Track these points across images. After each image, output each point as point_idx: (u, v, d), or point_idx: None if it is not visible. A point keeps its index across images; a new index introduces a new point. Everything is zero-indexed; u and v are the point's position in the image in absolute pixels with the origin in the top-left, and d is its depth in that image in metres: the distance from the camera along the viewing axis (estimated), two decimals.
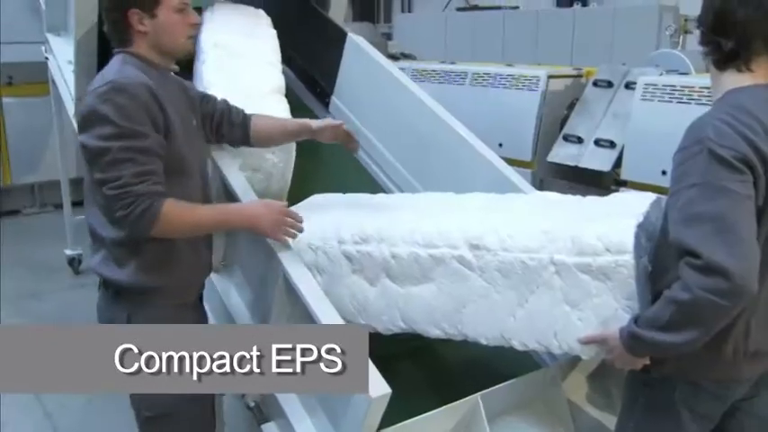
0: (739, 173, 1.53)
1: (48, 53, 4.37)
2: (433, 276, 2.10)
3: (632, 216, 1.86)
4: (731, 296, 1.50)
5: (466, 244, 2.03)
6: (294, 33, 4.09)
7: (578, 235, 1.85)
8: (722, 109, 1.63)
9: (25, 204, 7.13)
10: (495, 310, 2.01)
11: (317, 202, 2.69)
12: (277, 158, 2.84)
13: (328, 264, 2.29)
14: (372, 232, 2.21)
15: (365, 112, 3.56)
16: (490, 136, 3.74)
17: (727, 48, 1.65)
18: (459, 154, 3.01)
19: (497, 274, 1.99)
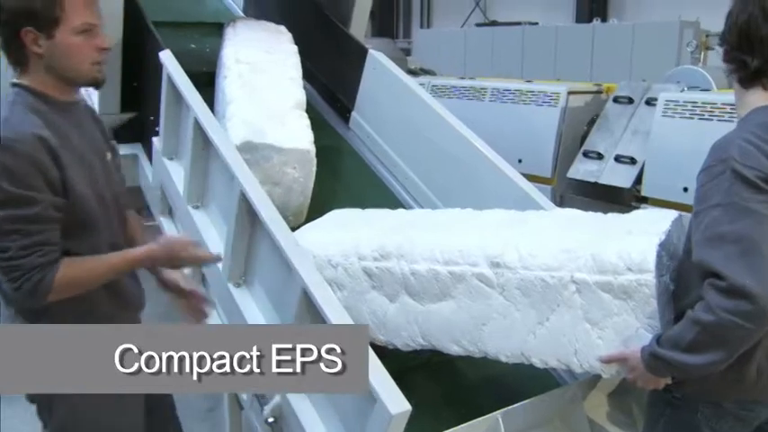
0: (764, 193, 1.52)
1: None
2: (452, 294, 2.09)
3: (654, 234, 1.83)
4: (755, 319, 1.48)
5: (486, 261, 2.02)
6: (315, 49, 4.14)
7: (599, 253, 1.83)
8: (746, 128, 1.61)
9: None
10: (516, 328, 1.99)
11: (336, 218, 2.70)
12: (298, 173, 2.91)
13: (348, 280, 2.30)
14: (392, 249, 2.21)
15: (386, 127, 3.58)
16: (510, 152, 3.74)
17: (753, 66, 1.63)
18: (479, 170, 3.02)
19: (518, 292, 1.97)
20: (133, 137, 3.80)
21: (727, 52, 1.69)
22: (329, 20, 4.01)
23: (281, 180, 2.93)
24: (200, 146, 2.83)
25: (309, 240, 2.47)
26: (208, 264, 2.08)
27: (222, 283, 2.63)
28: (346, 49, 3.85)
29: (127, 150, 3.80)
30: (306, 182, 2.98)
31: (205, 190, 2.92)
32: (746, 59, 1.64)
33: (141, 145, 3.77)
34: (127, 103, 3.77)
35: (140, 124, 3.75)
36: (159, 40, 3.31)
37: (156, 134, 3.31)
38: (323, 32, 4.08)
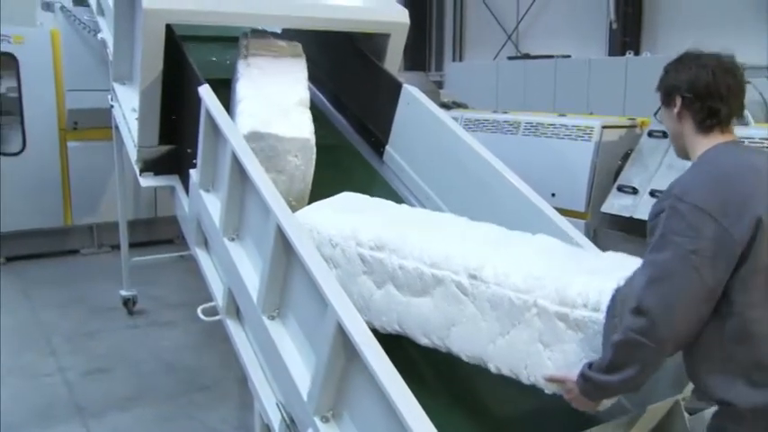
0: (693, 228, 1.71)
1: (113, 101, 4.52)
2: (432, 293, 2.35)
3: (615, 279, 1.98)
4: (651, 335, 1.71)
5: (466, 272, 2.25)
6: (349, 84, 4.19)
7: (563, 287, 2.04)
8: (701, 167, 1.86)
9: (84, 245, 7.34)
10: (480, 335, 2.22)
11: (345, 200, 2.93)
12: (299, 161, 3.22)
13: (344, 261, 2.57)
14: (387, 242, 2.46)
15: (420, 161, 3.59)
16: (543, 186, 3.72)
17: (723, 112, 1.89)
18: (513, 204, 3.01)
19: (487, 304, 2.20)
20: (171, 169, 3.86)
21: (690, 102, 1.92)
22: (364, 54, 4.05)
23: (284, 168, 3.22)
24: (237, 179, 2.87)
25: (315, 218, 2.74)
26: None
27: (256, 315, 2.64)
28: (380, 84, 3.88)
29: (164, 182, 3.88)
30: (306, 169, 3.26)
31: (241, 222, 2.95)
32: (717, 107, 1.89)
33: (178, 176, 3.82)
34: (165, 135, 3.83)
35: (178, 156, 3.81)
36: (198, 75, 3.37)
37: (193, 166, 3.36)
38: (357, 67, 4.12)
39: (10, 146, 6.81)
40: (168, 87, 3.68)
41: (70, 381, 4.45)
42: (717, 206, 1.72)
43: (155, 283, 6.20)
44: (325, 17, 3.83)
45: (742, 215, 1.72)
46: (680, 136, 2.00)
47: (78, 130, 6.93)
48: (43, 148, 6.86)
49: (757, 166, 1.83)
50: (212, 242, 3.25)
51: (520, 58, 11.14)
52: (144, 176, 3.87)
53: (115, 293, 5.72)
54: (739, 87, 1.93)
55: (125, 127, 4.25)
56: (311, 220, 2.74)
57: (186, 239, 3.76)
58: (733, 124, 1.96)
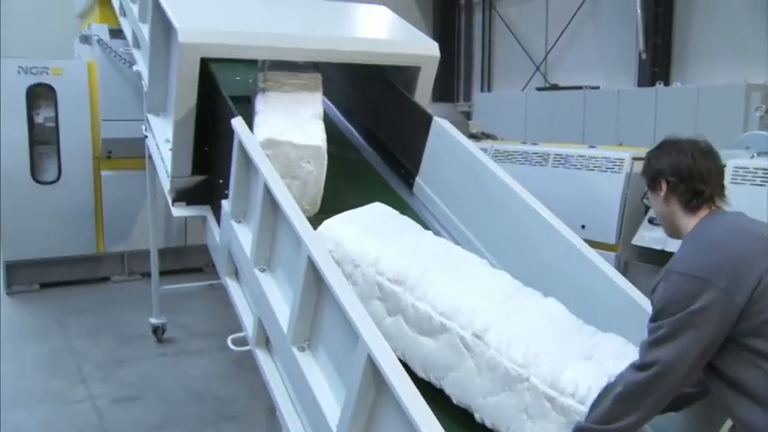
0: (686, 294, 1.86)
1: (147, 131, 4.60)
2: (437, 337, 2.47)
3: (607, 374, 2.12)
4: (651, 390, 1.88)
5: (471, 330, 2.37)
6: (380, 116, 4.22)
7: (557, 370, 2.18)
8: (687, 241, 2.04)
9: (115, 272, 7.43)
10: (473, 388, 2.36)
11: (374, 214, 3.08)
12: (312, 167, 3.43)
13: (362, 282, 2.71)
14: (406, 278, 2.60)
15: (449, 193, 3.59)
16: (573, 218, 3.70)
17: (707, 193, 2.05)
18: (543, 236, 3.00)
19: (485, 364, 2.32)
20: (202, 199, 3.91)
21: (675, 186, 2.07)
22: (394, 87, 4.08)
23: (298, 174, 3.42)
24: (269, 210, 2.90)
25: (341, 233, 2.85)
26: None
27: (286, 346, 2.65)
28: (411, 116, 3.90)
29: (196, 212, 3.92)
30: (319, 175, 3.46)
31: (272, 254, 2.97)
32: (701, 189, 2.04)
33: (210, 207, 3.87)
34: (197, 165, 3.88)
35: (210, 187, 3.85)
36: (231, 107, 3.43)
37: (225, 197, 3.40)
38: (388, 99, 4.15)
39: (46, 175, 6.97)
40: (201, 119, 3.74)
41: (100, 408, 4.48)
42: (708, 270, 1.87)
43: (184, 311, 6.25)
44: (356, 50, 3.90)
45: (740, 276, 1.86)
46: (669, 217, 2.14)
47: (112, 159, 7.07)
48: (78, 176, 7.00)
49: (748, 228, 2.02)
50: (243, 272, 3.28)
51: (548, 89, 11.16)
52: (176, 206, 3.92)
53: (145, 321, 5.77)
54: (718, 169, 2.11)
55: (158, 157, 4.31)
56: (337, 233, 2.86)
57: (217, 269, 3.78)
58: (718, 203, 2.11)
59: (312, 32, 4.03)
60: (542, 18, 12.67)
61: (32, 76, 6.75)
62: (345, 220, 2.96)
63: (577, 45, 12.10)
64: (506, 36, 13.68)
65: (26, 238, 6.82)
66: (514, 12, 13.57)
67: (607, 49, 11.54)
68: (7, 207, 6.82)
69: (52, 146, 6.94)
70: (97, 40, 6.85)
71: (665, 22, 10.40)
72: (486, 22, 14.20)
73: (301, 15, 4.50)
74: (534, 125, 9.67)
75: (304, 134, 3.45)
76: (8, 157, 6.76)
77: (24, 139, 6.79)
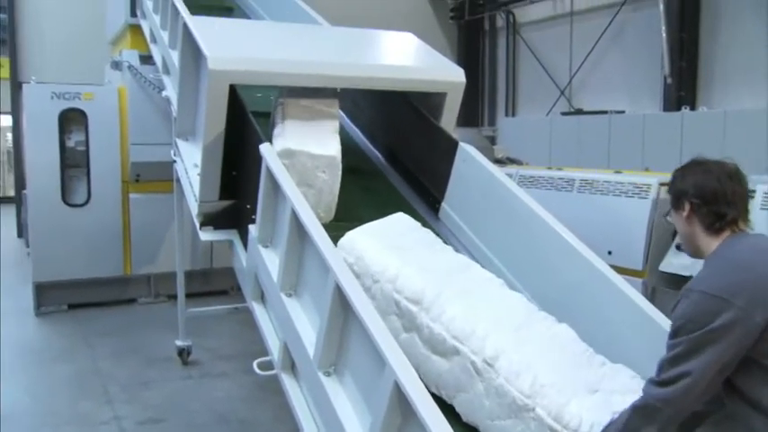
0: (705, 312, 1.87)
1: (176, 156, 4.67)
2: (450, 359, 2.56)
3: (611, 408, 2.22)
4: (670, 405, 1.91)
5: (482, 356, 2.45)
6: (406, 141, 4.24)
7: (562, 405, 2.26)
8: (709, 262, 2.04)
9: (141, 294, 7.51)
10: (482, 410, 2.45)
11: (396, 227, 3.18)
12: (327, 176, 3.60)
13: (381, 297, 2.80)
14: (423, 299, 2.68)
15: (475, 219, 3.60)
16: (599, 243, 3.67)
17: (731, 216, 2.04)
18: (568, 262, 2.99)
19: (494, 390, 2.40)
20: (230, 223, 3.95)
21: (698, 207, 2.06)
22: (420, 112, 4.11)
23: (314, 182, 3.59)
24: (296, 236, 2.92)
25: (362, 247, 2.95)
26: None
27: (312, 371, 2.65)
28: (437, 141, 3.92)
29: (223, 236, 3.96)
30: (333, 183, 3.62)
31: (299, 279, 2.99)
32: (724, 212, 2.03)
33: (237, 231, 3.90)
34: (225, 190, 3.93)
35: (237, 211, 3.90)
36: (259, 133, 3.48)
37: (252, 222, 3.43)
38: (414, 124, 4.18)
39: (76, 197, 7.09)
40: (229, 143, 3.79)
41: (125, 430, 4.51)
42: (728, 290, 1.88)
43: (209, 333, 6.29)
44: (383, 77, 3.93)
45: (761, 296, 1.87)
46: (691, 237, 2.14)
47: (140, 182, 7.18)
48: (107, 199, 7.13)
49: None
50: (269, 297, 3.29)
51: (573, 113, 11.13)
52: (204, 230, 3.96)
53: (170, 343, 5.80)
54: (744, 192, 2.10)
55: (186, 181, 4.36)
56: (358, 247, 2.96)
57: (243, 292, 3.80)
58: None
59: (339, 59, 4.09)
60: (566, 42, 12.69)
61: (65, 101, 6.92)
62: (367, 233, 3.05)
63: (602, 69, 12.09)
64: (531, 61, 13.72)
65: (56, 259, 6.94)
66: (538, 36, 13.62)
67: (632, 73, 11.51)
68: (38, 229, 6.97)
69: (82, 169, 7.09)
70: (128, 66, 7.00)
71: (690, 46, 10.37)
72: (511, 47, 14.27)
73: (328, 42, 4.56)
74: (559, 150, 9.64)
75: (320, 145, 3.61)
76: (40, 180, 6.92)
77: (56, 163, 6.95)
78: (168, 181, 5.59)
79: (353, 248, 2.95)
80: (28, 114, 7.06)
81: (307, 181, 3.54)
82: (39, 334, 6.61)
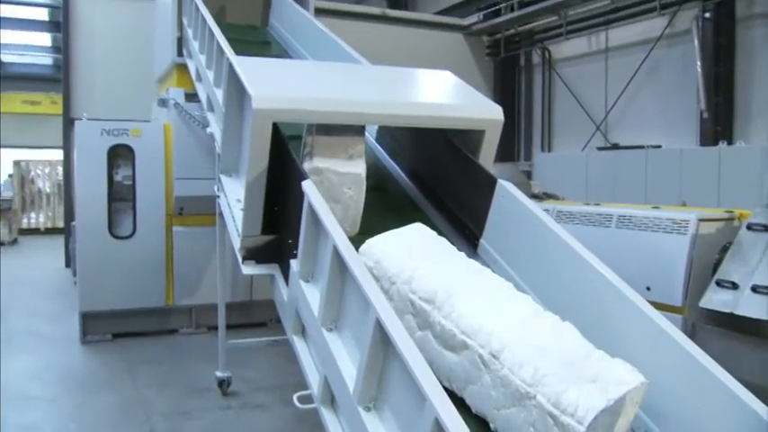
0: None
1: (219, 191, 4.80)
2: (460, 353, 2.76)
3: (608, 397, 2.34)
4: None
5: (488, 349, 2.64)
6: (444, 178, 4.30)
7: (562, 392, 2.39)
8: None
9: (183, 324, 7.66)
10: (489, 400, 2.64)
11: (415, 235, 3.38)
12: (352, 192, 3.86)
13: (398, 297, 3.05)
14: (435, 298, 2.90)
15: (513, 255, 3.63)
16: (638, 279, 3.68)
17: None
18: (607, 298, 3.00)
19: (499, 380, 2.58)
20: (271, 257, 4.00)
21: None
22: (458, 150, 4.16)
23: (340, 198, 3.83)
24: (337, 272, 2.98)
25: (383, 251, 3.23)
26: None
27: (352, 406, 2.69)
28: (475, 178, 3.96)
29: (265, 270, 4.01)
30: (358, 199, 3.87)
31: (339, 314, 3.04)
32: None
33: (278, 265, 3.97)
34: (267, 225, 4.00)
35: (278, 246, 3.96)
36: (302, 170, 3.57)
37: (293, 257, 3.50)
38: (452, 161, 4.23)
39: (122, 229, 7.31)
40: (271, 179, 3.87)
41: None
42: None
43: (248, 365, 6.38)
44: (421, 115, 3.99)
45: None
46: None
47: (183, 215, 7.37)
48: (151, 232, 7.32)
49: None
50: (310, 331, 3.34)
51: (609, 148, 11.10)
52: (246, 264, 4.01)
53: (210, 374, 5.90)
54: None
55: (229, 216, 4.45)
56: (377, 252, 3.23)
57: (283, 325, 3.86)
58: None
59: (378, 97, 4.16)
60: (602, 78, 12.70)
61: (114, 137, 7.18)
62: (386, 241, 3.32)
63: (638, 104, 12.06)
64: (566, 96, 13.75)
65: (101, 289, 7.15)
66: (574, 72, 13.66)
67: (668, 107, 11.46)
68: (85, 260, 7.18)
69: (129, 202, 7.31)
70: (174, 104, 7.23)
71: (726, 80, 10.31)
72: (546, 83, 14.32)
73: (368, 81, 4.64)
74: (596, 185, 9.62)
75: (346, 165, 3.86)
76: (88, 213, 7.15)
77: (104, 196, 7.18)
78: (210, 215, 5.74)
79: (373, 253, 3.24)
80: (79, 150, 7.33)
81: (334, 197, 3.78)
82: (84, 362, 6.77)
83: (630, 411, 2.50)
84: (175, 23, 7.64)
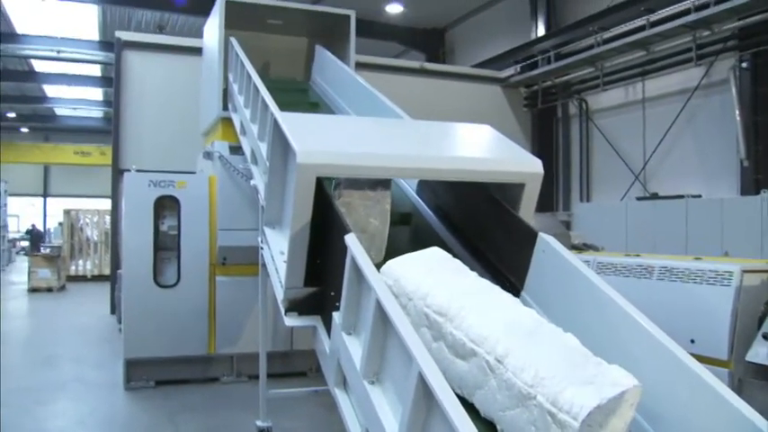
0: None
1: (263, 243, 4.89)
2: (469, 360, 2.99)
3: (601, 396, 2.51)
4: None
5: (494, 355, 2.86)
6: (485, 231, 4.33)
7: (559, 392, 2.57)
8: None
9: (224, 373, 7.72)
10: (495, 403, 2.84)
11: (433, 257, 3.63)
12: (378, 222, 4.12)
13: (414, 312, 3.30)
14: (447, 311, 3.15)
15: (555, 308, 3.62)
16: (681, 332, 3.64)
17: None
18: (649, 351, 2.99)
19: (504, 384, 2.78)
20: (314, 309, 4.06)
21: None
22: (498, 203, 4.20)
23: (366, 228, 4.09)
24: (380, 325, 3.02)
25: (401, 272, 3.48)
26: None
27: None
28: (516, 232, 3.99)
29: (307, 322, 4.05)
30: (383, 230, 4.15)
31: (381, 367, 3.07)
32: None
33: (320, 317, 4.01)
34: (310, 277, 4.06)
35: (321, 297, 4.01)
36: (345, 223, 3.63)
37: (335, 309, 3.54)
38: (492, 214, 4.26)
39: (167, 278, 7.46)
40: (314, 231, 3.94)
41: None
42: None
43: (288, 414, 6.37)
44: (462, 169, 4.06)
45: None
46: None
47: (226, 265, 7.49)
48: (195, 281, 7.46)
49: None
50: (352, 383, 3.35)
51: (649, 198, 11.03)
52: (289, 316, 4.05)
53: (251, 423, 5.91)
54: None
55: (272, 267, 4.51)
56: (396, 272, 3.50)
57: (325, 376, 3.89)
58: None
59: (420, 152, 4.22)
60: (639, 128, 12.70)
61: (160, 188, 7.40)
62: (404, 262, 3.59)
63: (676, 153, 12.00)
64: (604, 146, 13.75)
65: (145, 337, 7.27)
66: (611, 122, 13.68)
67: (707, 156, 11.39)
68: (130, 307, 7.34)
69: (173, 252, 7.47)
70: (218, 156, 7.42)
71: (766, 128, 10.23)
72: (584, 133, 14.36)
73: (409, 135, 4.72)
74: (635, 235, 9.54)
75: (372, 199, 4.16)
76: (134, 262, 7.33)
77: (150, 246, 7.37)
78: (253, 265, 5.82)
79: (392, 273, 3.50)
80: (127, 200, 7.55)
81: (361, 227, 4.03)
82: (127, 408, 6.87)
83: (627, 413, 2.62)
84: (221, 79, 7.91)
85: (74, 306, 14.64)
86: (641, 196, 11.68)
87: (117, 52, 12.11)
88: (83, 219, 20.73)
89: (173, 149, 10.96)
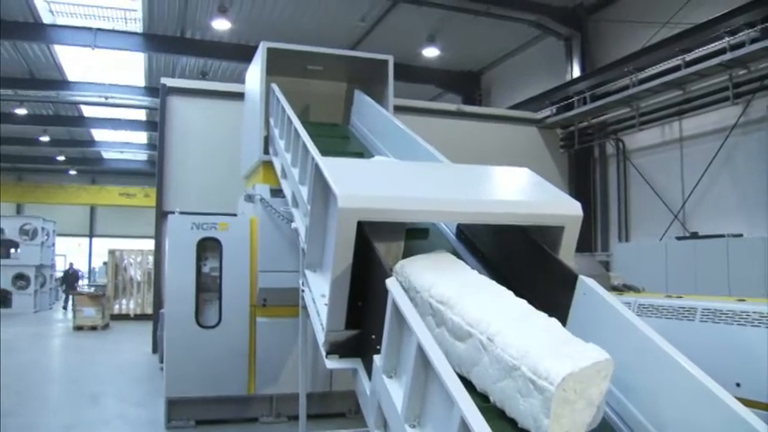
0: None
1: (304, 286, 4.95)
2: (466, 341, 3.41)
3: (575, 366, 2.88)
4: None
5: (486, 335, 3.27)
6: (525, 274, 4.34)
7: (539, 361, 2.95)
8: None
9: (263, 413, 7.73)
10: (488, 377, 3.24)
11: (440, 259, 4.13)
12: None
13: (420, 303, 3.74)
14: (448, 300, 3.61)
15: None
16: (726, 375, 3.60)
17: None
18: (695, 395, 2.97)
19: (494, 359, 3.18)
20: (354, 352, 4.08)
21: None
22: (538, 245, 4.23)
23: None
24: (421, 369, 3.05)
25: (411, 269, 3.97)
26: None
27: None
28: (556, 274, 4.00)
29: (348, 365, 4.07)
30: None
31: (422, 410, 3.10)
32: None
33: (361, 360, 4.04)
34: (351, 319, 4.09)
35: (362, 341, 4.04)
36: (386, 267, 3.70)
37: (376, 352, 3.58)
38: (532, 257, 4.27)
39: (208, 319, 7.57)
40: (355, 275, 3.99)
41: None
42: None
43: None
44: (501, 212, 4.11)
45: None
46: None
47: (267, 306, 7.58)
48: (235, 322, 7.52)
49: None
50: (392, 426, 3.37)
51: (689, 237, 10.90)
52: (330, 359, 4.07)
53: None
54: None
55: (314, 310, 4.56)
56: (406, 270, 3.99)
57: (365, 419, 3.90)
58: None
59: (460, 196, 4.28)
60: (677, 167, 12.61)
61: (203, 230, 7.55)
62: (414, 260, 4.09)
63: (715, 192, 11.87)
64: (642, 185, 13.66)
65: (186, 376, 7.33)
66: (648, 162, 13.61)
67: (747, 195, 11.25)
68: (172, 347, 7.44)
69: (215, 293, 7.59)
70: (260, 199, 7.55)
71: None
72: (621, 173, 14.31)
73: (449, 180, 4.76)
74: (675, 275, 9.43)
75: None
76: (177, 302, 7.46)
77: (192, 287, 7.48)
78: (293, 306, 5.90)
79: (403, 271, 3.99)
80: (170, 242, 7.73)
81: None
82: None
83: (602, 384, 2.99)
84: (262, 123, 8.12)
85: (117, 344, 14.89)
86: (681, 236, 11.54)
87: (162, 97, 12.52)
88: (126, 259, 21.16)
89: (215, 192, 11.21)
